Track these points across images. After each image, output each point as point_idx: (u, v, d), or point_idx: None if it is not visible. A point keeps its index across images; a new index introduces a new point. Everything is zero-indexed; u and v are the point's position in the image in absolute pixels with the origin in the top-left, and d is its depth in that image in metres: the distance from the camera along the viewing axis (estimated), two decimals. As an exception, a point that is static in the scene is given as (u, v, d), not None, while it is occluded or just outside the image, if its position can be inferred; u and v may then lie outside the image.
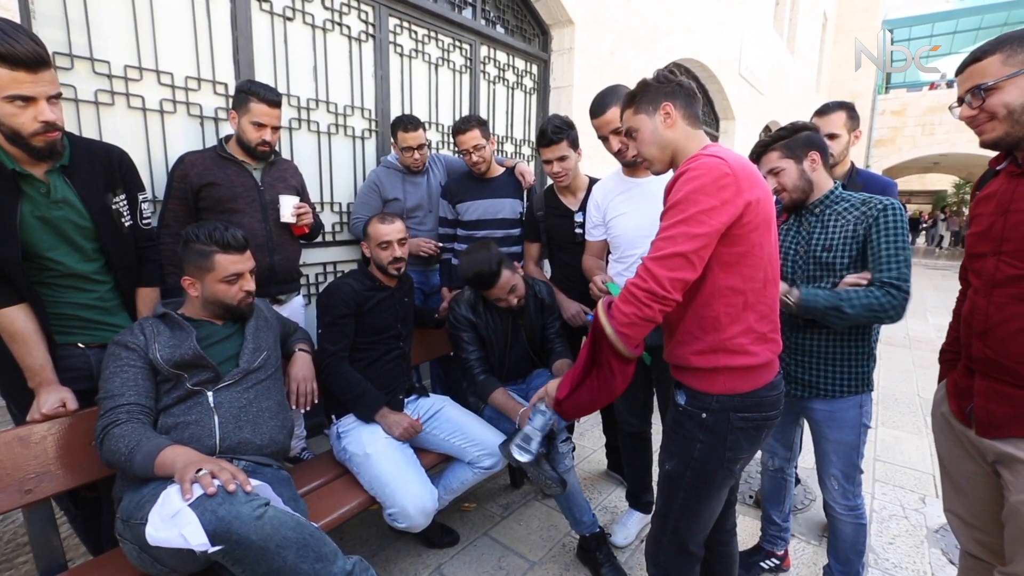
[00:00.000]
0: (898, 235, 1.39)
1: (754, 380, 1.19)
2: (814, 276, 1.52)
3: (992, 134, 1.09)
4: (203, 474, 1.12)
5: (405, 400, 2.00)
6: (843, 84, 12.98)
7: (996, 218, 1.12)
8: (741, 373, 1.18)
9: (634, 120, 1.27)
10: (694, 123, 1.24)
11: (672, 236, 1.08)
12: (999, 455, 1.14)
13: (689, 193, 1.07)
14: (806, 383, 1.58)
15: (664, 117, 1.22)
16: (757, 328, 1.16)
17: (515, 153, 3.80)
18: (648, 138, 1.25)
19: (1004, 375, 1.10)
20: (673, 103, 1.21)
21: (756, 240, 1.12)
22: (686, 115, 1.22)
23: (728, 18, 6.27)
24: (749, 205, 1.09)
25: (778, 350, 1.22)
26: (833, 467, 1.61)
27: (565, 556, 2.00)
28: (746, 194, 1.08)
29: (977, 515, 1.28)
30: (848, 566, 1.68)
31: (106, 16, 1.86)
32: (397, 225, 1.90)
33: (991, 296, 1.12)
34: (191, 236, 1.44)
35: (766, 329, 1.18)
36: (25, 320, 1.31)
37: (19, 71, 1.15)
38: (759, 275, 1.15)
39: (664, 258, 1.07)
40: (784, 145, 1.50)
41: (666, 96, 1.22)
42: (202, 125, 2.15)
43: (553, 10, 3.70)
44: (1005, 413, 1.11)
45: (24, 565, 1.73)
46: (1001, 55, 1.04)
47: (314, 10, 2.47)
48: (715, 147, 1.16)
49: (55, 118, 1.24)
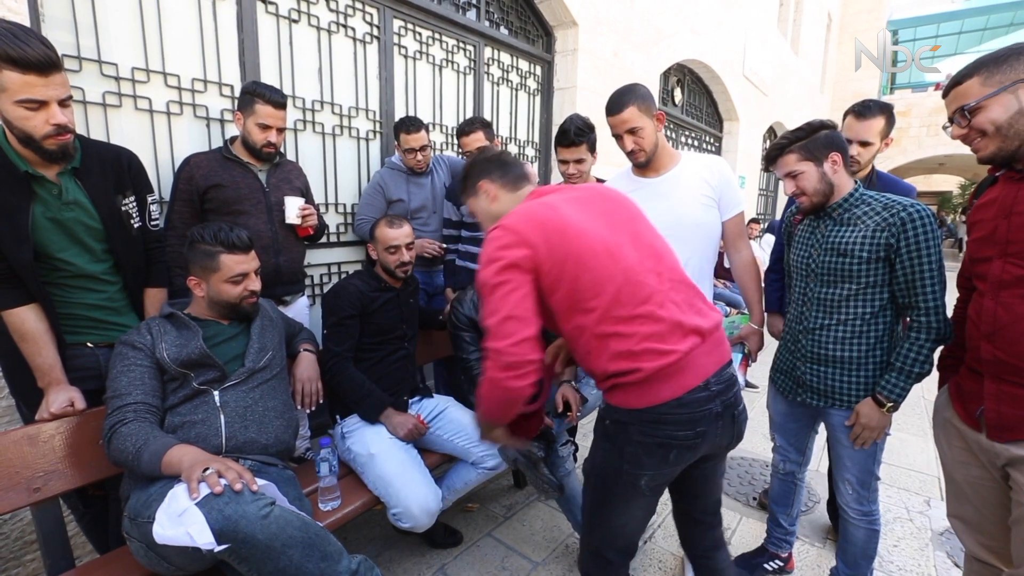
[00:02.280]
0: (932, 253, 1.33)
1: (649, 396, 1.09)
2: (829, 281, 1.47)
3: (986, 151, 1.12)
4: (210, 473, 1.13)
5: (409, 401, 2.01)
6: (847, 85, 12.91)
7: (999, 222, 1.13)
8: (633, 388, 1.10)
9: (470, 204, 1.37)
10: (514, 186, 1.29)
11: (493, 309, 1.07)
12: (1011, 458, 1.13)
13: (483, 268, 1.10)
14: (822, 392, 1.53)
15: (485, 195, 1.30)
16: (620, 347, 1.08)
17: (519, 154, 3.81)
18: (482, 217, 1.34)
19: (1014, 376, 1.10)
20: (489, 180, 1.29)
21: (574, 273, 1.08)
22: (504, 184, 1.29)
23: (731, 19, 6.26)
24: (539, 247, 1.08)
25: (674, 354, 1.08)
26: (848, 472, 1.57)
27: (568, 557, 2.00)
28: (532, 238, 1.08)
29: (982, 520, 1.27)
30: (856, 570, 1.66)
31: (114, 19, 1.87)
32: (405, 229, 1.91)
33: (998, 298, 1.12)
34: (196, 237, 1.46)
35: (632, 345, 1.08)
36: (35, 320, 1.33)
37: (31, 75, 1.17)
38: (600, 303, 1.08)
39: (497, 331, 1.06)
40: (803, 147, 1.42)
41: (480, 176, 1.30)
42: (208, 127, 2.17)
43: (557, 12, 3.70)
44: (1017, 415, 1.11)
45: (32, 563, 1.74)
46: (979, 77, 1.09)
47: (319, 12, 2.48)
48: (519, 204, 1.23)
49: (67, 121, 1.25)
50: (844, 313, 1.46)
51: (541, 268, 1.08)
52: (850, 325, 1.46)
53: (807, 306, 1.54)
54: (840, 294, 1.46)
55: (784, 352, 1.66)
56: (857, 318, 1.45)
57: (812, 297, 1.52)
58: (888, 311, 1.44)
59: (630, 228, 1.18)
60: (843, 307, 1.46)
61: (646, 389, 1.09)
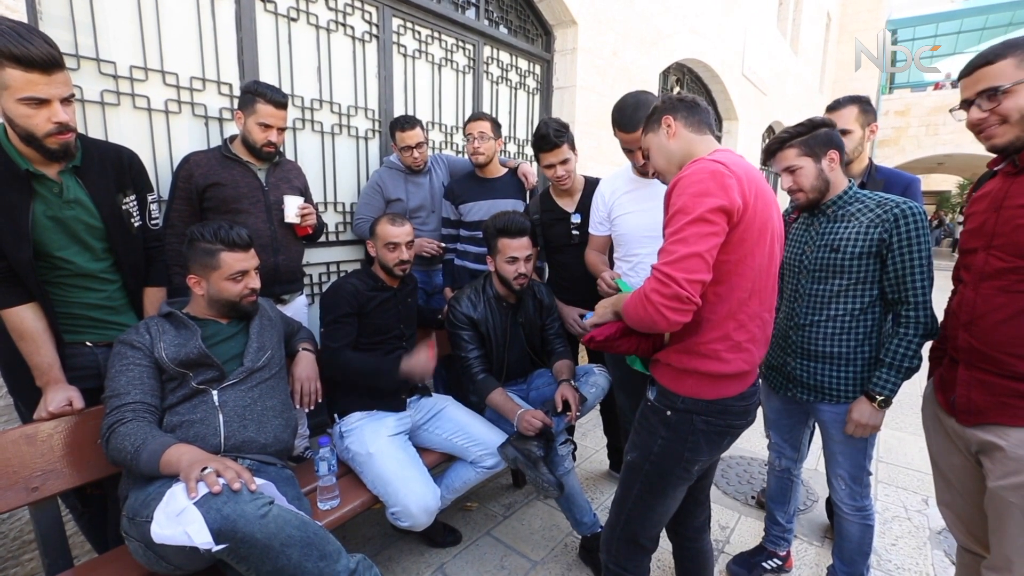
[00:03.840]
0: (922, 249, 1.37)
1: (723, 388, 1.19)
2: (820, 277, 1.50)
3: (1002, 139, 1.09)
4: (208, 472, 1.13)
5: (407, 399, 2.01)
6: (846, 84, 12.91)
7: (989, 215, 1.14)
8: (710, 380, 1.18)
9: (644, 140, 1.35)
10: (698, 130, 1.25)
11: (684, 238, 1.05)
12: (980, 443, 1.17)
13: (693, 196, 1.06)
14: (812, 387, 1.56)
15: (666, 129, 1.26)
16: (734, 336, 1.16)
17: (518, 154, 3.80)
18: (655, 152, 1.30)
19: (986, 363, 1.14)
20: (673, 116, 1.25)
21: (749, 248, 1.11)
22: (688, 124, 1.24)
23: (731, 19, 6.26)
24: (747, 208, 1.09)
25: (754, 360, 1.21)
26: (840, 468, 1.60)
27: (567, 556, 2.00)
28: (746, 196, 1.08)
29: (965, 507, 1.31)
30: (852, 567, 1.67)
31: (112, 17, 1.87)
32: (406, 228, 1.92)
33: (979, 288, 1.15)
34: (196, 235, 1.46)
35: (742, 338, 1.17)
36: (34, 319, 1.32)
37: (33, 73, 1.17)
38: (747, 285, 1.14)
39: (680, 260, 1.04)
40: (803, 142, 1.43)
41: (666, 111, 1.26)
42: (207, 125, 2.16)
43: (556, 11, 3.70)
44: (985, 400, 1.15)
45: (30, 562, 1.74)
46: (1014, 59, 1.04)
47: (318, 11, 2.48)
48: (721, 152, 1.16)
49: (69, 119, 1.25)
50: (834, 309, 1.49)
51: (736, 228, 1.09)
52: (839, 321, 1.49)
53: (797, 303, 1.56)
54: (830, 290, 1.48)
55: (775, 348, 1.68)
56: (846, 314, 1.48)
57: (803, 293, 1.55)
58: (877, 307, 1.47)
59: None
60: (833, 303, 1.49)
61: (721, 383, 1.18)
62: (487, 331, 2.02)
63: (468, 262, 2.53)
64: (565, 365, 2.05)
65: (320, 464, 1.61)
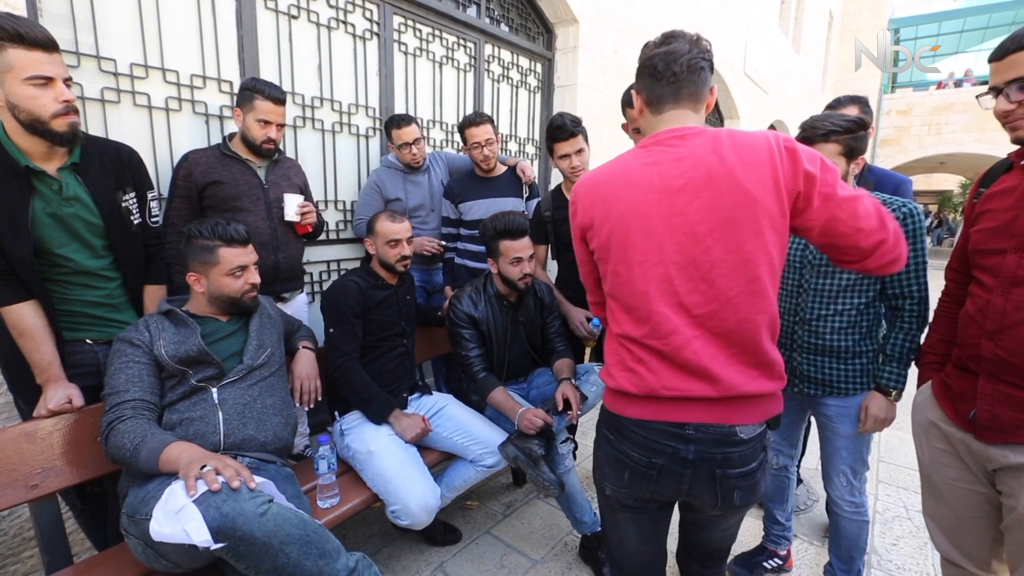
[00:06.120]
0: (923, 247, 1.40)
1: (620, 405, 1.05)
2: (827, 272, 1.50)
3: None
4: (207, 470, 1.12)
5: (408, 398, 2.00)
6: (848, 83, 12.88)
7: (1019, 212, 1.04)
8: (608, 389, 1.10)
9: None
10: (654, 108, 1.05)
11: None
12: (1003, 463, 1.09)
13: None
14: (819, 381, 1.56)
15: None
16: (619, 352, 1.04)
17: (519, 152, 3.80)
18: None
19: (1013, 377, 1.05)
20: (637, 88, 1.06)
21: (608, 269, 1.04)
22: (647, 98, 1.05)
23: (733, 17, 6.24)
24: (585, 230, 1.07)
25: (647, 385, 0.99)
26: (843, 463, 1.61)
27: (567, 555, 2.00)
28: (579, 218, 1.07)
29: (958, 523, 1.25)
30: (850, 564, 1.68)
31: (112, 15, 1.86)
32: (405, 224, 1.93)
33: (1009, 294, 1.05)
34: (194, 232, 1.45)
35: (625, 355, 1.03)
36: (34, 317, 1.32)
37: (36, 51, 1.18)
38: (619, 301, 1.04)
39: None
40: (847, 141, 1.36)
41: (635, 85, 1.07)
42: (207, 123, 2.16)
43: (558, 9, 3.69)
44: (1013, 417, 1.06)
45: (30, 560, 1.74)
46: None
47: (319, 8, 2.47)
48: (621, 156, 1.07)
49: (74, 98, 1.26)
50: (841, 303, 1.50)
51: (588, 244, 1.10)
52: (846, 315, 1.50)
53: (803, 297, 1.56)
54: (838, 284, 1.49)
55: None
56: (852, 308, 1.49)
57: (808, 288, 1.54)
58: (878, 302, 1.51)
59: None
60: (840, 297, 1.50)
61: (618, 398, 1.07)
62: (488, 330, 2.02)
63: (468, 260, 2.52)
64: (566, 364, 2.04)
65: (320, 462, 1.61)
